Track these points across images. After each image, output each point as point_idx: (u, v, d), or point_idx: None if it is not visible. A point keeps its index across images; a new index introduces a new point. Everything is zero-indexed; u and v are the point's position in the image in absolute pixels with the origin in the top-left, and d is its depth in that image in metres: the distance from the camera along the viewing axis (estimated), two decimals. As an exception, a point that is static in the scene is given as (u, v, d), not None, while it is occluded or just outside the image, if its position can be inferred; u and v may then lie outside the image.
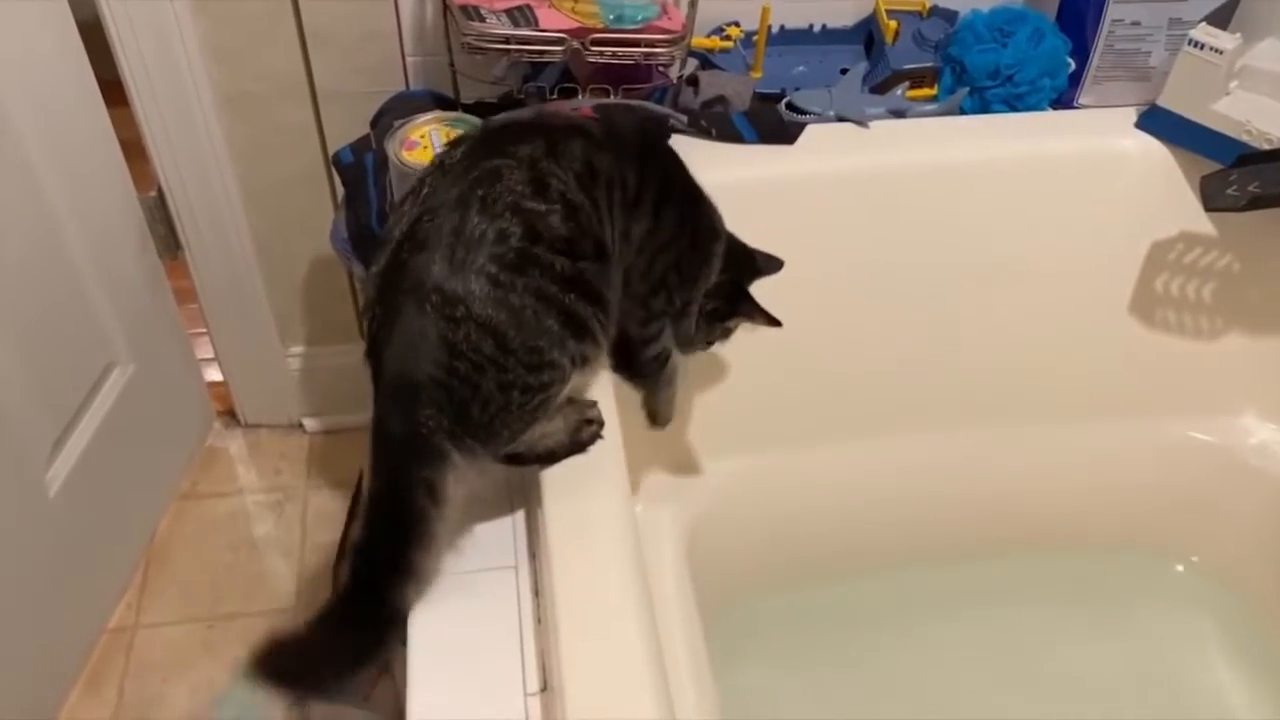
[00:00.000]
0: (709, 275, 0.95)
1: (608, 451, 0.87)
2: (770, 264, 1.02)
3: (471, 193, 0.75)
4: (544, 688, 0.75)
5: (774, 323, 1.01)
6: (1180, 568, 1.36)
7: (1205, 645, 1.31)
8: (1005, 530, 1.33)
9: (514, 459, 0.83)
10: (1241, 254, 1.22)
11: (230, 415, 1.72)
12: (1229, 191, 1.10)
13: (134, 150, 1.39)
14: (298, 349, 1.62)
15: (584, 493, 0.85)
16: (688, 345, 0.99)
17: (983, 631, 1.31)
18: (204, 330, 1.60)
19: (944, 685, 1.26)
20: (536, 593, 0.81)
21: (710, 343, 1.02)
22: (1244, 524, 1.30)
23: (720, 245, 0.95)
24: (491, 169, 0.76)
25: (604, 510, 0.84)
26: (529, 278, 0.74)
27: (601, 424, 0.87)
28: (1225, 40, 1.12)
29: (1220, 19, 1.17)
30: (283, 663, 0.79)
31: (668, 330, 0.93)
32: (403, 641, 1.04)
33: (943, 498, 1.31)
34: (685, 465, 1.23)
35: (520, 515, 0.87)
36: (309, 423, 1.70)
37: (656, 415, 1.00)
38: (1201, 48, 1.13)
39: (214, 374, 1.69)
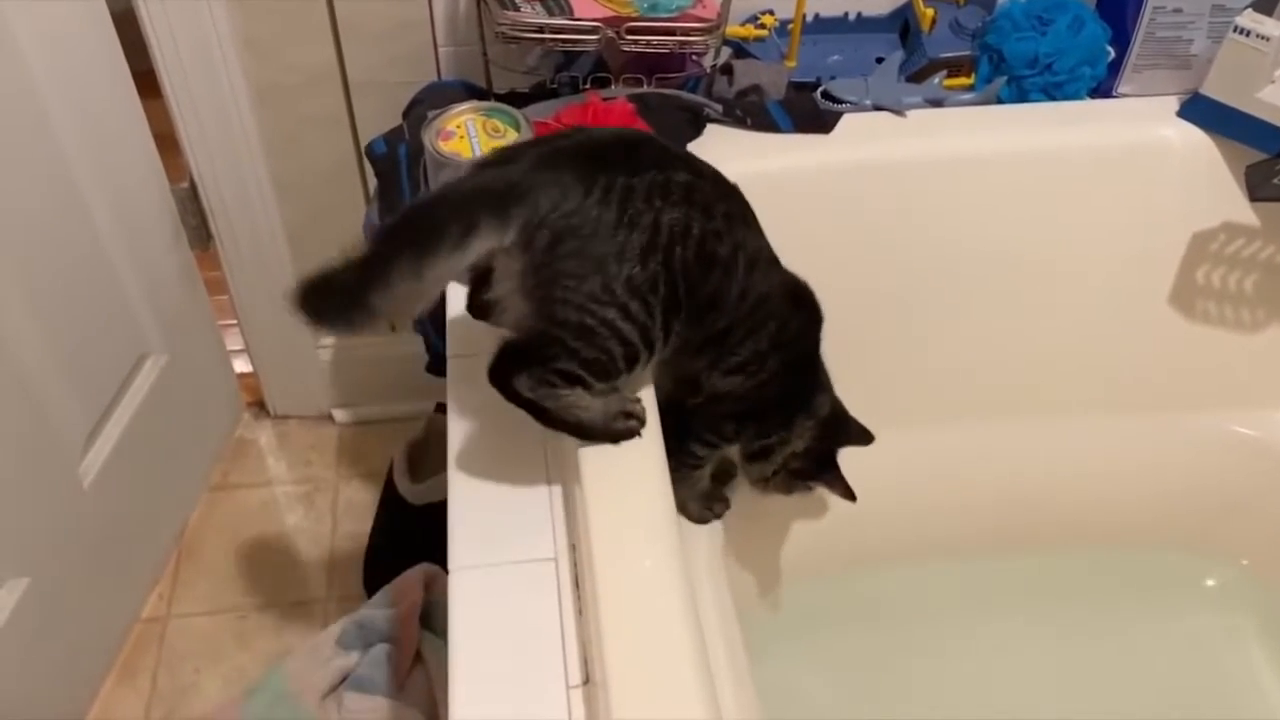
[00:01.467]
0: (790, 440, 1.00)
1: (648, 443, 0.86)
2: (863, 437, 1.05)
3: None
4: (586, 680, 0.74)
5: (850, 496, 1.05)
6: (1220, 564, 1.34)
7: (1245, 643, 1.29)
8: (1040, 526, 1.32)
9: (542, 415, 0.82)
10: (1284, 244, 1.21)
11: (260, 406, 1.72)
12: (1275, 181, 1.08)
13: (167, 142, 1.39)
14: (328, 340, 1.63)
15: (625, 485, 0.84)
16: (761, 486, 1.04)
17: (1015, 628, 1.30)
18: (234, 321, 1.61)
19: (974, 682, 1.25)
20: (577, 585, 0.81)
21: (787, 493, 1.05)
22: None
23: (809, 421, 1.00)
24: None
25: (644, 502, 0.83)
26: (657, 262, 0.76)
27: (642, 422, 0.86)
28: (1272, 27, 1.10)
29: (1266, 5, 1.15)
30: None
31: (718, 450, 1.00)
32: (436, 631, 1.03)
33: (977, 491, 1.30)
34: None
35: (559, 507, 0.86)
36: (339, 414, 1.70)
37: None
38: (1247, 34, 1.11)
39: (243, 365, 1.70)
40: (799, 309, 0.93)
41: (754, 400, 0.94)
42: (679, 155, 0.84)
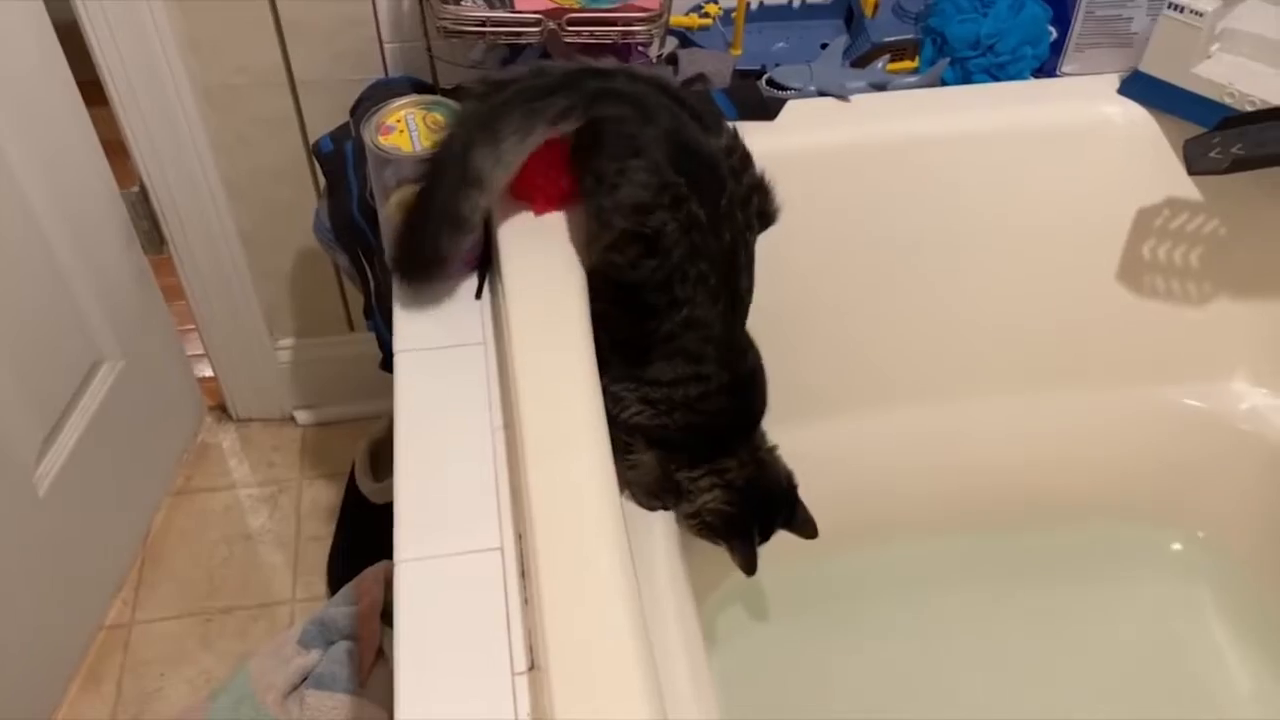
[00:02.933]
0: (698, 493, 1.01)
1: (592, 430, 0.86)
2: (805, 527, 1.07)
3: None
4: (531, 666, 0.75)
5: (747, 570, 1.03)
6: (1173, 534, 1.36)
7: (1202, 611, 1.31)
8: (995, 502, 1.33)
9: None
10: (1227, 217, 1.22)
11: (221, 410, 1.72)
12: (1212, 154, 1.10)
13: (115, 148, 1.39)
14: (287, 342, 1.62)
15: (569, 474, 0.84)
16: (683, 524, 1.06)
17: (977, 604, 1.31)
18: (193, 326, 1.60)
19: (937, 658, 1.26)
20: (523, 573, 0.81)
21: (707, 539, 1.05)
22: (1235, 489, 1.30)
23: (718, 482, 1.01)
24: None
25: (592, 493, 0.84)
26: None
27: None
28: (1205, 3, 1.11)
29: (1200, -18, 1.16)
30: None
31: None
32: (389, 622, 1.04)
33: (928, 471, 1.31)
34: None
35: (505, 496, 0.86)
36: (300, 415, 1.70)
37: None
38: (1181, 11, 1.12)
39: (204, 369, 1.69)
40: (734, 392, 0.96)
41: (658, 436, 0.97)
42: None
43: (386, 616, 1.25)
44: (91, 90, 1.33)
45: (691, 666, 1.01)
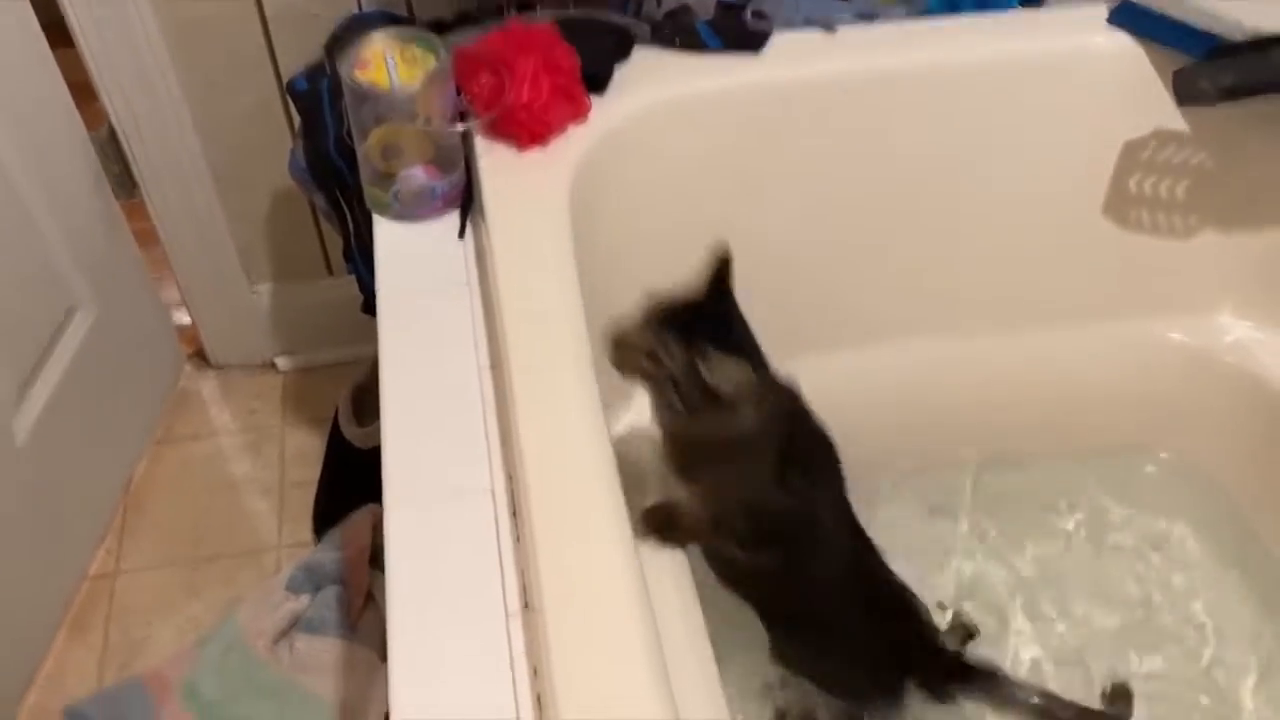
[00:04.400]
0: None
1: (579, 367, 0.86)
2: None
3: None
4: (525, 606, 0.74)
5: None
6: (1157, 466, 1.36)
7: (1183, 544, 1.32)
8: (980, 437, 1.34)
9: None
10: (1215, 149, 1.21)
11: (200, 357, 1.70)
12: (1202, 85, 1.09)
13: (82, 91, 1.35)
14: (264, 286, 1.60)
15: (559, 412, 0.84)
16: None
17: (958, 536, 1.32)
18: (169, 272, 1.57)
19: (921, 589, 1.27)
20: (514, 513, 0.81)
21: None
22: (1220, 422, 1.31)
23: None
24: None
25: (580, 429, 0.83)
26: None
27: None
28: (1197, -71, 1.09)
29: (1192, -93, 1.14)
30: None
31: None
32: (382, 569, 1.03)
33: (915, 406, 1.31)
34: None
35: (495, 438, 0.86)
36: (281, 361, 1.68)
37: None
38: (1172, -62, 1.10)
39: (182, 316, 1.66)
40: None
41: None
42: None
43: (375, 560, 1.25)
44: (56, 32, 1.29)
45: (682, 604, 1.01)
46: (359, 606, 1.20)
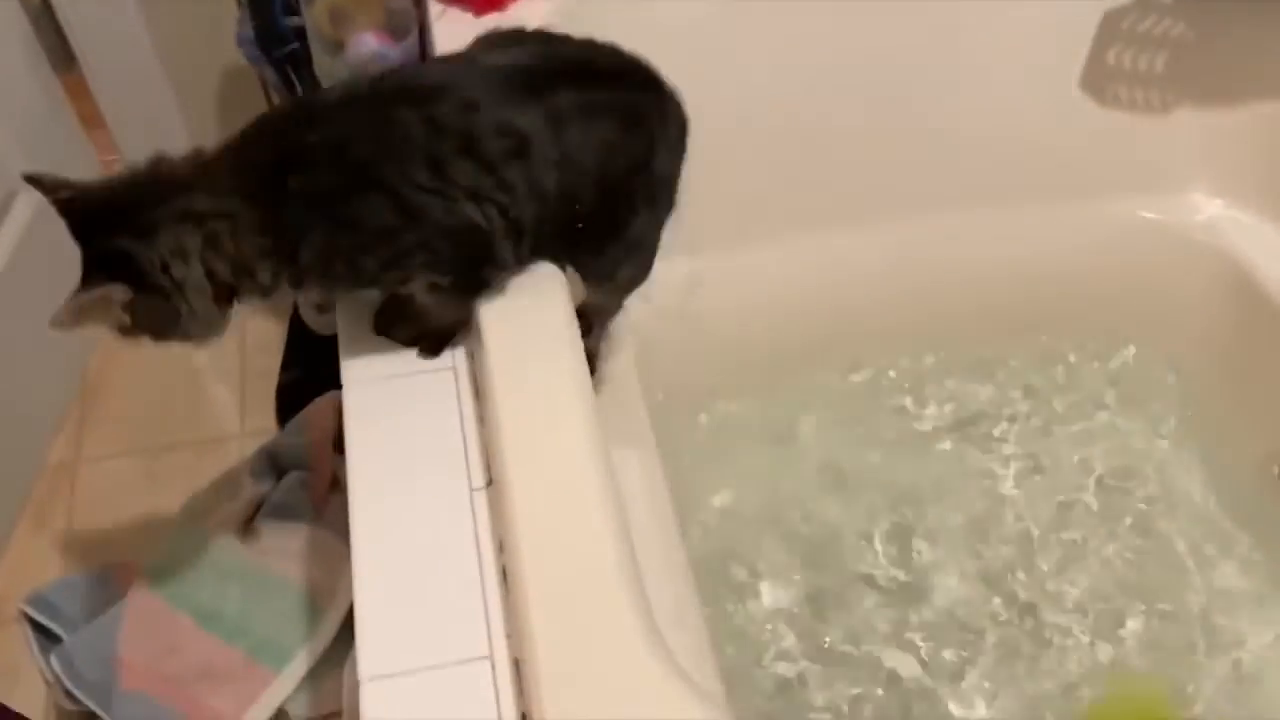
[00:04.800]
0: None
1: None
2: None
3: None
4: (489, 483, 0.73)
5: None
6: (1128, 345, 1.36)
7: (1156, 424, 1.33)
8: (951, 319, 1.33)
9: None
10: (1196, 20, 1.17)
11: (154, 244, 1.64)
12: (1187, -52, 1.05)
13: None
14: (219, 169, 1.54)
15: (522, 291, 0.81)
16: None
17: (937, 418, 1.32)
18: (115, 157, 1.51)
19: (902, 472, 1.28)
20: (477, 394, 0.79)
21: None
22: (1189, 301, 1.30)
23: None
24: None
25: (543, 307, 0.81)
26: None
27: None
28: None
29: None
30: None
31: None
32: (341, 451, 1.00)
33: (892, 289, 1.29)
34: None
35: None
36: (238, 247, 1.63)
37: None
38: None
39: (132, 201, 1.61)
40: None
41: None
42: None
43: (339, 446, 1.23)
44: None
45: (650, 491, 1.01)
46: (323, 492, 1.19)
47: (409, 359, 0.82)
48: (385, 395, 0.79)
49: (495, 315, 0.80)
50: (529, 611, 0.63)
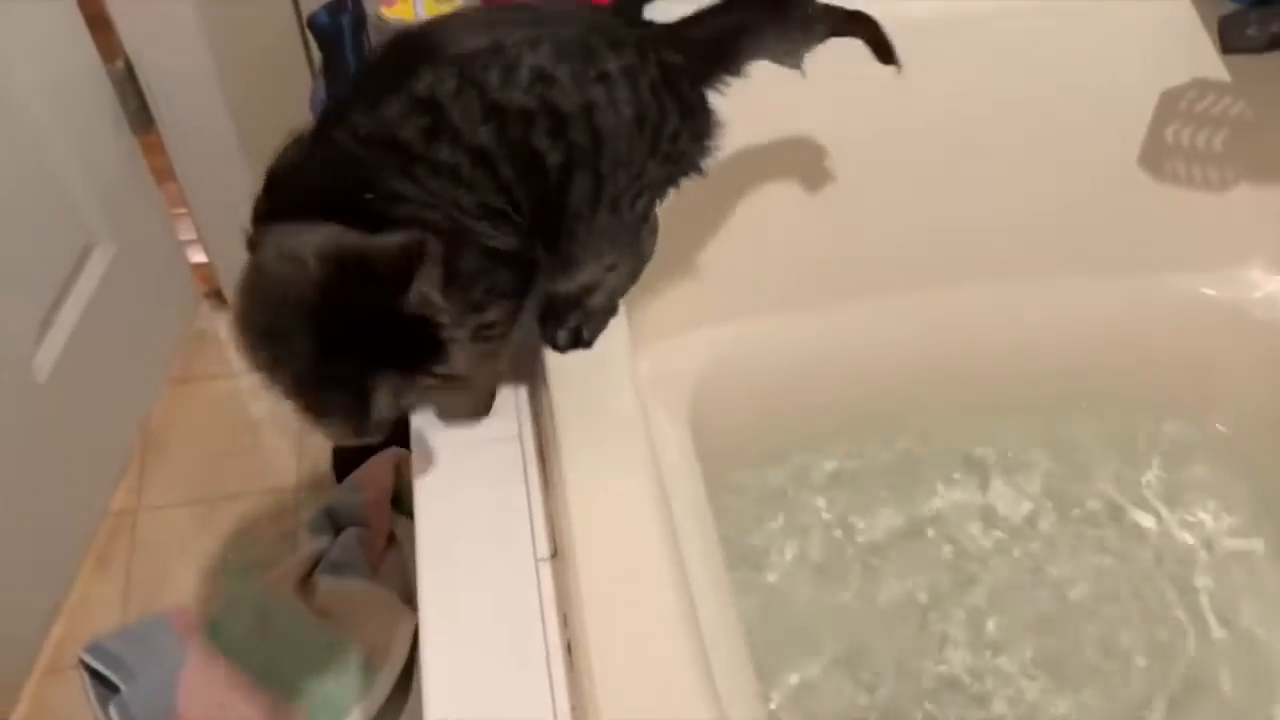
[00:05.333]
0: None
1: (615, 327, 0.85)
2: None
3: None
4: (554, 553, 0.74)
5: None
6: (1185, 423, 1.35)
7: (1206, 498, 1.31)
8: (1008, 391, 1.32)
9: None
10: (1255, 99, 1.18)
11: (217, 296, 1.69)
12: (1248, 32, 1.06)
13: (99, 23, 1.33)
14: (283, 226, 1.58)
15: (588, 361, 0.83)
16: None
17: (987, 492, 1.31)
18: (185, 210, 1.56)
19: (947, 545, 1.27)
20: (543, 460, 0.80)
21: None
22: (1247, 377, 1.29)
23: None
24: None
25: (609, 376, 0.83)
26: None
27: None
28: None
29: None
30: None
31: None
32: (408, 514, 1.02)
33: (946, 357, 1.29)
34: (692, 327, 1.21)
35: (523, 388, 0.85)
36: (299, 301, 1.67)
37: None
38: (1223, -124, 1.07)
39: (198, 254, 1.65)
40: None
41: None
42: None
43: (396, 503, 1.25)
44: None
45: (704, 553, 1.02)
46: (381, 548, 1.21)
47: (476, 428, 0.83)
48: (453, 463, 0.81)
49: (563, 389, 0.81)
50: (594, 690, 0.63)
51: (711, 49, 0.81)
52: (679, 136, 0.77)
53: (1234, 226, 1.28)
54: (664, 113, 0.75)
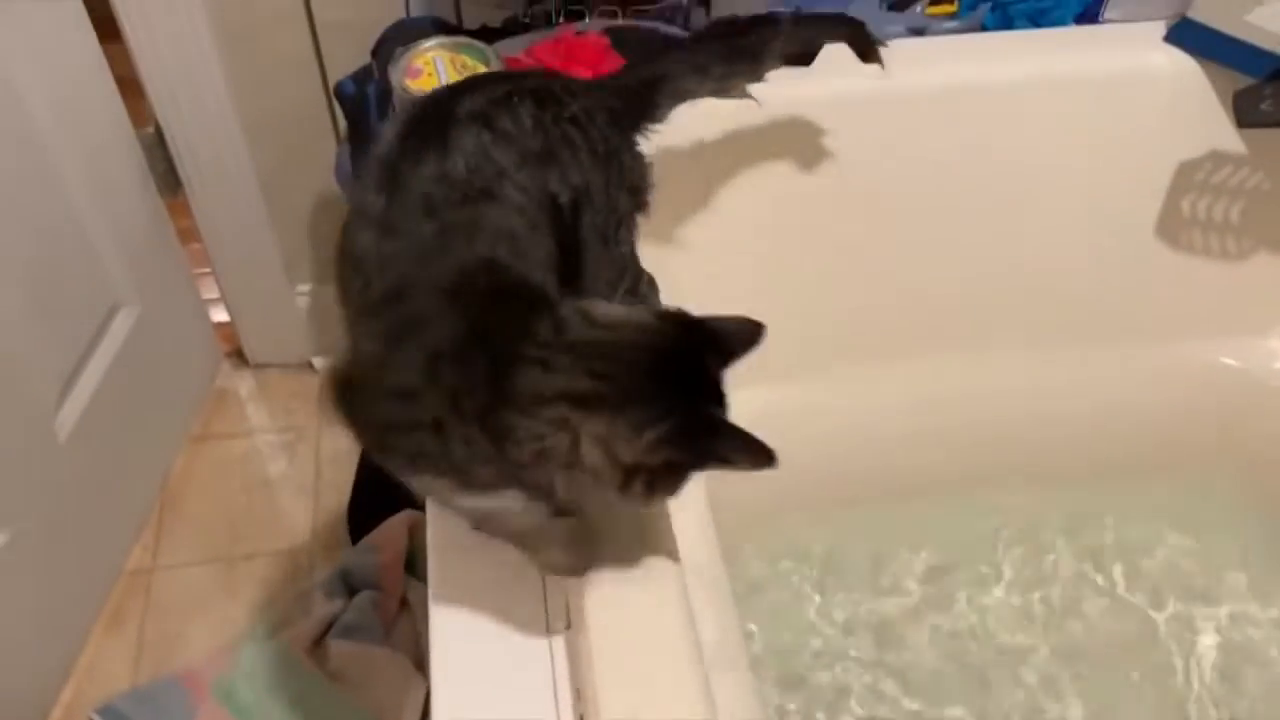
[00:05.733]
0: None
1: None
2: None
3: None
4: (568, 625, 0.74)
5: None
6: (1206, 493, 1.34)
7: (1229, 568, 1.30)
8: (1028, 458, 1.31)
9: None
10: (1272, 171, 1.18)
11: (238, 355, 1.70)
12: (1263, 107, 1.06)
13: (130, 87, 1.36)
14: (305, 287, 1.60)
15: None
16: None
17: (1007, 562, 1.30)
18: (209, 270, 1.58)
19: (966, 615, 1.26)
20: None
21: None
22: (1267, 446, 1.28)
23: None
24: None
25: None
26: None
27: None
28: (1261, -53, 1.07)
29: (1255, -76, 1.12)
30: None
31: None
32: (421, 578, 1.01)
33: (966, 425, 1.29)
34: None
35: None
36: (318, 361, 1.68)
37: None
38: (1236, -45, 1.08)
39: (220, 314, 1.67)
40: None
41: None
42: None
43: (410, 566, 1.24)
44: (106, 26, 1.29)
45: (719, 621, 1.01)
46: (394, 612, 1.20)
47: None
48: (466, 530, 0.80)
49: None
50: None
51: (634, 96, 0.84)
52: (632, 169, 0.79)
53: (1253, 296, 1.28)
54: (619, 148, 0.78)
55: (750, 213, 1.15)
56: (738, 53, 0.92)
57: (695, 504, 1.12)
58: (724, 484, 1.14)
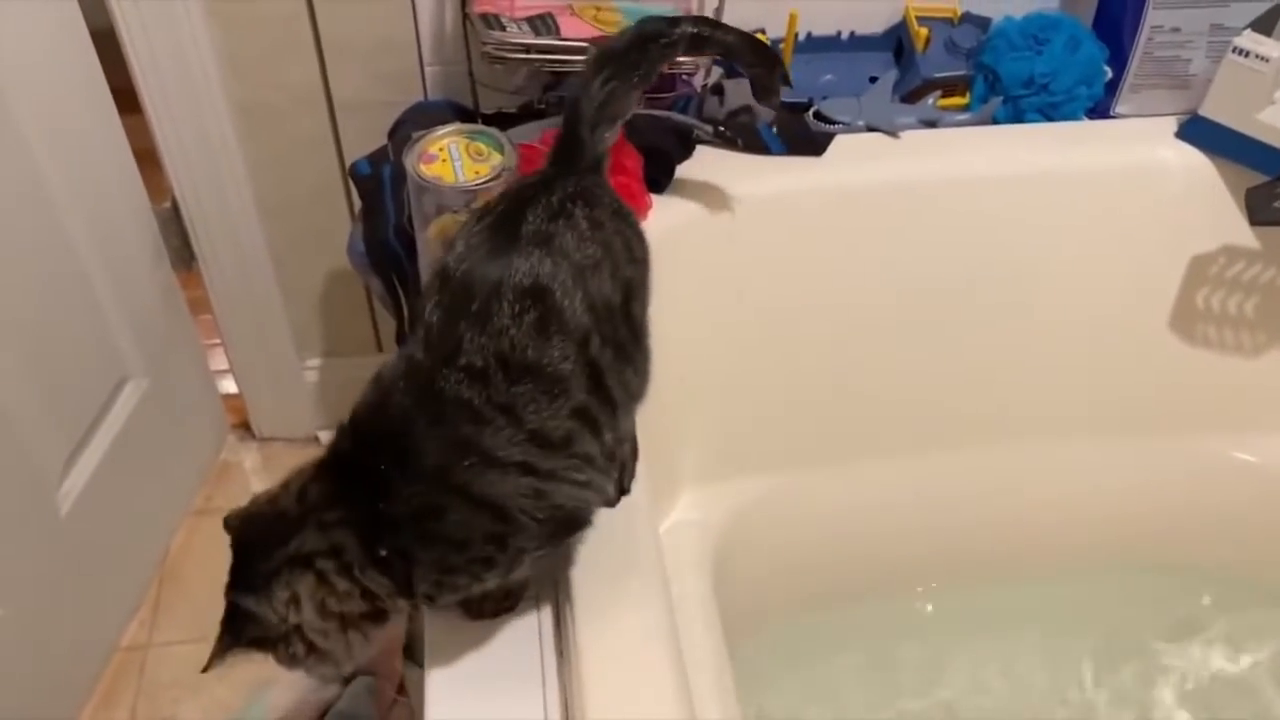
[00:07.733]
0: None
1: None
2: None
3: None
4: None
5: None
6: (1219, 587, 1.32)
7: (1244, 667, 1.27)
8: (1038, 553, 1.30)
9: None
10: (1286, 266, 1.19)
11: (245, 428, 1.69)
12: (1276, 205, 1.06)
13: (148, 160, 1.37)
14: (314, 361, 1.60)
15: (605, 518, 0.82)
16: None
17: (1014, 657, 1.27)
18: (218, 341, 1.58)
19: (971, 712, 1.23)
20: (558, 624, 0.78)
21: None
22: (1282, 543, 1.26)
23: None
24: None
25: (626, 531, 0.82)
26: None
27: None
28: (1271, 48, 1.08)
29: (1265, 25, 1.13)
30: None
31: None
32: (419, 663, 1.00)
33: (973, 518, 1.27)
34: (712, 483, 1.20)
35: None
36: (325, 436, 1.67)
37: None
38: (1246, 55, 1.09)
39: (228, 386, 1.67)
40: None
41: None
42: None
43: (408, 652, 1.22)
44: (126, 98, 1.31)
45: (723, 711, 0.98)
46: (390, 698, 1.18)
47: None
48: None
49: (581, 545, 0.80)
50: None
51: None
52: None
53: (1267, 390, 1.27)
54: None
55: (760, 302, 1.15)
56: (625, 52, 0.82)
57: (701, 597, 1.10)
58: (733, 576, 1.14)
